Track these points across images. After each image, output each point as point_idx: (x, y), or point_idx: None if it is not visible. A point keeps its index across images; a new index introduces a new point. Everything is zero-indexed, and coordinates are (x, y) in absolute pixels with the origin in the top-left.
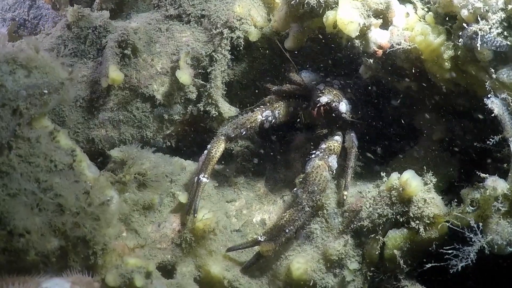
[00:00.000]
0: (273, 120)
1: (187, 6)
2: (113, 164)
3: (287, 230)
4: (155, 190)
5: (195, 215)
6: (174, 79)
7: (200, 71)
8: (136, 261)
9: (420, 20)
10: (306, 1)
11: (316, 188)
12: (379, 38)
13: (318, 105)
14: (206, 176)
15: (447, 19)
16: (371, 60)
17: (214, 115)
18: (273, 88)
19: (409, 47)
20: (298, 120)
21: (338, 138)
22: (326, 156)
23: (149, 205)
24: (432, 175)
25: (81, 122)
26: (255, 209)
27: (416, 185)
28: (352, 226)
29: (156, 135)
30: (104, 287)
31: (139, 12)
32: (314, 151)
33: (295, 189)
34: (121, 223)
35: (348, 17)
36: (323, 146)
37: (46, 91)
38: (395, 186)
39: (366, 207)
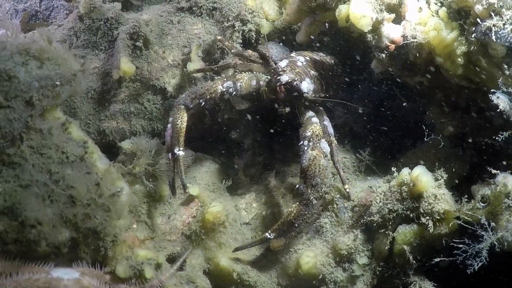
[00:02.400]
0: (234, 92)
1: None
2: (124, 155)
3: (296, 225)
4: (165, 181)
5: (186, 190)
6: (185, 72)
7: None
8: (146, 253)
9: (433, 15)
10: None
11: (319, 180)
12: (391, 32)
13: (278, 84)
14: (181, 149)
15: (460, 14)
16: (383, 55)
17: (225, 109)
18: (233, 50)
19: (422, 42)
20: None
21: (315, 119)
22: (318, 144)
23: (159, 197)
24: (443, 171)
25: (92, 114)
26: (265, 203)
27: (426, 180)
28: (362, 221)
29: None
30: (115, 278)
31: (151, 3)
32: (301, 142)
33: (297, 185)
34: (131, 215)
35: (360, 11)
36: (308, 133)
37: (58, 83)
38: (405, 182)
39: (376, 202)
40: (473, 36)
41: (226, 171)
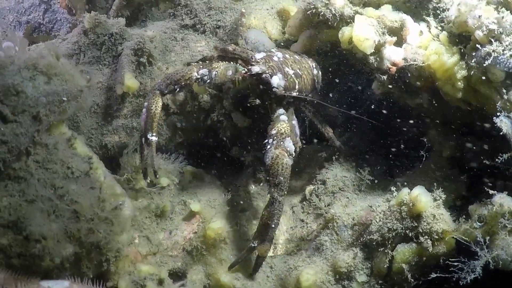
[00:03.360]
0: (208, 80)
1: (203, 16)
2: (125, 170)
3: (273, 225)
4: (168, 197)
5: (157, 176)
6: (188, 89)
7: None
8: (149, 268)
9: (433, 39)
10: (322, 12)
11: (282, 179)
12: (393, 55)
13: (248, 74)
14: (154, 134)
15: (461, 38)
16: (385, 77)
17: (227, 126)
18: (219, 48)
19: (423, 65)
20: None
21: (284, 117)
22: (281, 142)
23: (161, 212)
24: (442, 191)
25: (95, 128)
26: None
27: (426, 201)
28: (361, 239)
29: (169, 143)
30: None
31: (154, 19)
32: (267, 140)
33: (262, 183)
34: (133, 230)
35: (364, 34)
36: (273, 132)
37: (65, 99)
38: (405, 202)
39: (376, 221)
40: (473, 61)
41: (227, 187)
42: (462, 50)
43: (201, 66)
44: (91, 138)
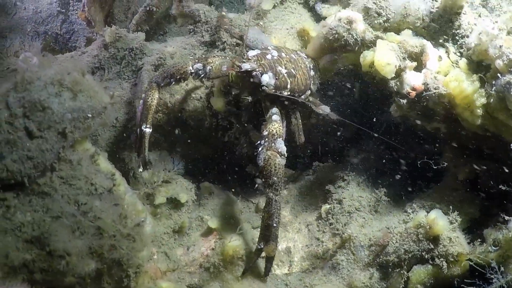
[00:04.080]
0: (203, 75)
1: (223, 33)
2: (143, 185)
3: (274, 225)
4: (186, 213)
5: (148, 167)
6: (207, 105)
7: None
8: (168, 285)
9: (452, 65)
10: (344, 37)
11: (275, 179)
12: (413, 80)
13: (238, 70)
14: (148, 126)
15: (480, 66)
16: (404, 101)
17: (244, 143)
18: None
19: (443, 92)
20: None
21: (276, 117)
22: (272, 144)
23: (179, 228)
24: (457, 215)
25: (113, 142)
26: (280, 237)
27: (442, 224)
28: (378, 260)
29: (183, 157)
30: None
31: (171, 33)
32: (259, 141)
33: (257, 184)
34: (152, 246)
35: (385, 59)
36: (265, 133)
37: (90, 115)
38: (422, 224)
39: (393, 242)
40: (493, 89)
41: (243, 203)
42: (482, 78)
43: (197, 61)
44: (108, 151)
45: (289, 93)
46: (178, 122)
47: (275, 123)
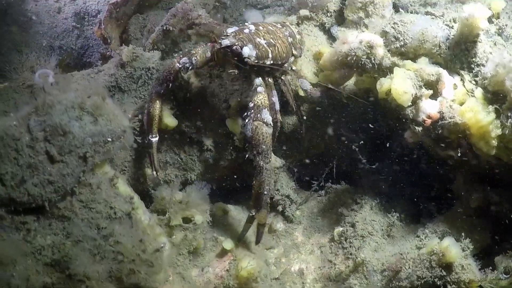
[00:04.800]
0: (190, 66)
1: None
2: (159, 205)
3: (265, 192)
4: (201, 234)
5: (158, 173)
6: (223, 126)
7: None
8: None
9: (467, 93)
10: (362, 61)
11: (264, 147)
12: (428, 108)
13: (218, 47)
14: (154, 135)
15: (497, 96)
16: (419, 128)
17: None
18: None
19: (458, 121)
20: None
21: (260, 89)
22: (259, 114)
23: (194, 249)
24: (469, 242)
25: (129, 161)
26: (293, 258)
27: (455, 252)
28: (391, 285)
29: (200, 177)
30: None
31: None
32: (246, 113)
33: (246, 154)
34: (168, 267)
35: (403, 88)
36: (251, 104)
37: (110, 139)
38: (435, 251)
39: (406, 268)
40: (508, 121)
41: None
42: (497, 109)
43: (181, 56)
44: (124, 170)
45: (272, 61)
46: (194, 142)
47: (260, 95)
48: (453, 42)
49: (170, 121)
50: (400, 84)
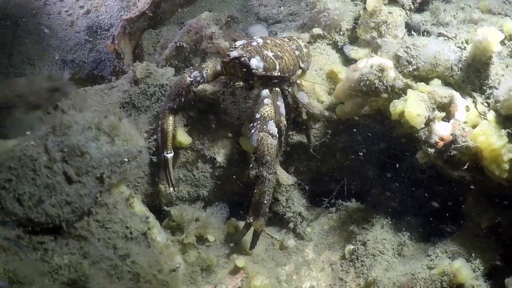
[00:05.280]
0: (201, 80)
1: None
2: (171, 221)
3: (265, 202)
4: (214, 251)
5: (174, 189)
6: (235, 144)
7: None
8: None
9: (480, 115)
10: (375, 85)
11: (268, 158)
12: (441, 130)
13: (228, 58)
14: (168, 151)
15: (508, 120)
16: (432, 150)
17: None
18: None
19: (471, 145)
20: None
21: (267, 101)
22: (264, 126)
23: (207, 266)
24: (480, 263)
25: (142, 177)
26: (304, 275)
27: (466, 273)
28: None
29: (212, 194)
30: None
31: None
32: (251, 124)
33: (251, 165)
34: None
35: (416, 111)
36: (257, 116)
37: (126, 160)
38: (446, 272)
39: None
40: None
41: (267, 240)
42: (510, 133)
43: (192, 70)
44: (137, 186)
45: (279, 73)
46: (207, 159)
47: (267, 107)
48: (466, 64)
49: (184, 139)
50: (414, 107)
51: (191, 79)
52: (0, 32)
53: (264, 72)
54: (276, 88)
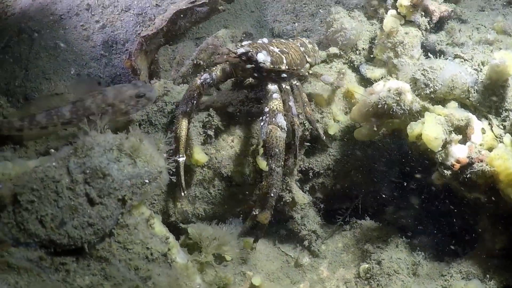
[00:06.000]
0: (211, 81)
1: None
2: (188, 239)
3: (272, 195)
4: (230, 271)
5: (184, 192)
6: (251, 162)
7: None
8: None
9: (496, 138)
10: (393, 108)
11: (277, 150)
12: (458, 152)
13: (234, 55)
14: (181, 155)
15: None
16: (448, 172)
17: (288, 201)
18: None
19: (486, 168)
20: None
21: (275, 95)
22: (273, 119)
23: (224, 285)
24: (494, 284)
25: (158, 194)
26: None
27: None
28: None
29: (227, 211)
30: None
31: None
32: (260, 117)
33: (259, 156)
34: None
35: (434, 134)
36: (266, 109)
37: (147, 181)
38: None
39: None
40: None
41: (282, 257)
42: None
43: (202, 74)
44: (154, 204)
45: (287, 67)
46: (223, 177)
47: (275, 101)
48: (482, 86)
49: (201, 157)
50: (432, 130)
51: (201, 81)
52: (16, 45)
53: (272, 66)
54: (287, 86)
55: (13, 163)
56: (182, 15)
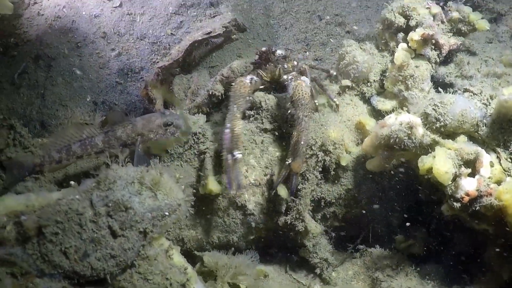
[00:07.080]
0: (256, 81)
1: (282, 123)
2: (203, 267)
3: (302, 142)
4: None
5: (240, 188)
6: (266, 191)
7: None
8: None
9: (504, 171)
10: (404, 142)
11: (304, 101)
12: (467, 186)
13: (259, 52)
14: (240, 152)
15: None
16: (457, 204)
17: (300, 230)
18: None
19: (495, 202)
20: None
21: (304, 77)
22: (298, 78)
23: None
24: None
25: (174, 222)
26: None
27: None
28: None
29: (241, 239)
30: None
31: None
32: (287, 81)
33: (289, 111)
34: None
35: (444, 168)
36: (290, 76)
37: (167, 213)
38: None
39: None
40: None
41: (294, 284)
42: None
43: (246, 75)
44: (169, 231)
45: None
46: (238, 206)
47: (295, 73)
48: (491, 120)
49: (215, 187)
50: (442, 165)
51: (249, 80)
52: (33, 72)
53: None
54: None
55: (36, 194)
56: (197, 45)
